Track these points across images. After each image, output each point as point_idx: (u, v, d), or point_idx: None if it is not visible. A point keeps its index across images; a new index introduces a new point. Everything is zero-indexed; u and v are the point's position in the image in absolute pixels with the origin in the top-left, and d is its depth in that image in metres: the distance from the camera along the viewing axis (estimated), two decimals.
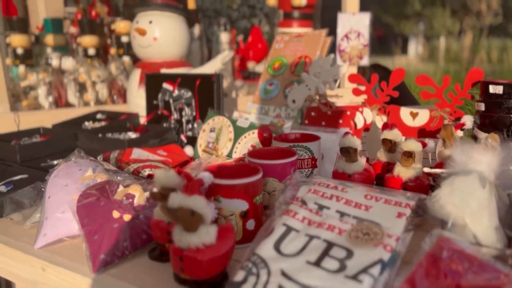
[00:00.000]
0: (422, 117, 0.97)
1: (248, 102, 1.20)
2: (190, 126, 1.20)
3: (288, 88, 1.16)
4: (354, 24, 1.82)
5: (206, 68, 1.32)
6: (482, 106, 0.85)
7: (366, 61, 1.86)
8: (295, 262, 0.49)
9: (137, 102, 1.35)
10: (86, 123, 1.30)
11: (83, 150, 0.92)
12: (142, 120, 1.32)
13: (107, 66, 1.87)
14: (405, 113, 0.99)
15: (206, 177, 0.60)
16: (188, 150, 1.09)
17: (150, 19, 1.32)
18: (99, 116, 1.39)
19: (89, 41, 2.11)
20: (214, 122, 1.06)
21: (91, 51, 2.11)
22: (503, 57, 8.47)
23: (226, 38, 2.63)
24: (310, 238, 0.53)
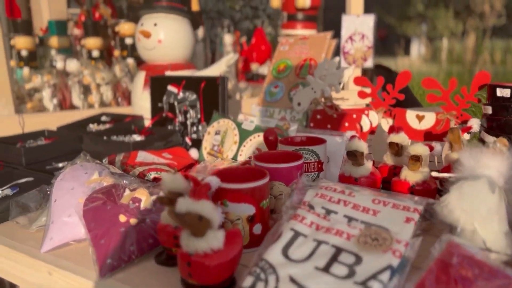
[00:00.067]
0: (428, 120, 0.97)
1: (252, 105, 1.20)
2: (195, 128, 1.20)
3: (293, 90, 1.16)
4: (359, 26, 1.81)
5: (210, 70, 1.32)
6: (489, 109, 0.85)
7: (370, 63, 1.85)
8: (304, 267, 0.49)
9: (141, 104, 1.35)
10: (91, 126, 1.30)
11: (88, 153, 0.92)
12: (147, 122, 1.32)
13: (112, 68, 1.87)
14: (411, 116, 0.98)
15: (213, 181, 0.60)
16: (193, 153, 1.09)
17: (155, 22, 1.32)
18: (104, 118, 1.39)
19: (93, 43, 2.11)
20: (219, 124, 1.06)
21: (95, 53, 2.11)
22: (507, 58, 8.45)
23: (229, 40, 2.63)
24: (319, 243, 0.52)
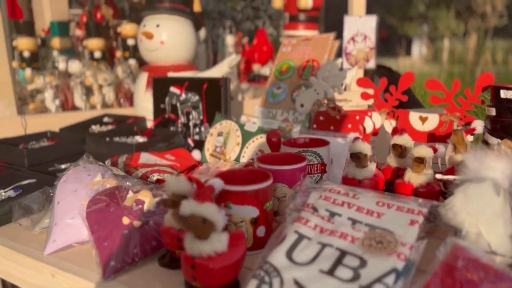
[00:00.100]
0: (431, 121, 0.96)
1: (255, 106, 1.20)
2: (197, 130, 1.20)
3: (295, 91, 1.16)
4: (361, 26, 1.81)
5: (213, 71, 1.32)
6: (493, 111, 0.85)
7: (372, 64, 1.85)
8: (308, 271, 0.49)
9: (144, 105, 1.35)
10: (93, 127, 1.30)
11: (91, 154, 0.91)
12: (149, 123, 1.32)
13: (114, 69, 1.87)
14: (414, 117, 0.98)
15: (217, 183, 0.60)
16: (195, 154, 1.09)
17: (157, 23, 1.32)
18: (106, 119, 1.39)
19: (95, 44, 2.11)
20: (222, 126, 1.06)
21: (97, 54, 2.11)
22: (508, 58, 8.43)
23: (231, 41, 2.63)
24: (323, 246, 0.52)
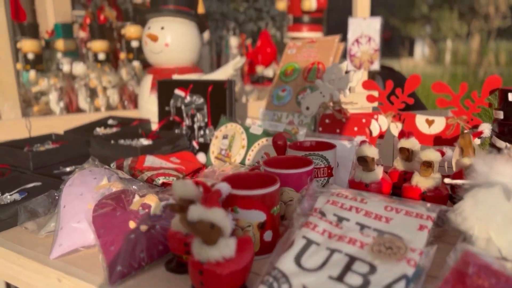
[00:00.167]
0: (438, 124, 0.96)
1: (260, 108, 1.19)
2: (202, 132, 1.19)
3: (301, 94, 1.15)
4: (365, 28, 1.80)
5: (217, 74, 1.32)
6: (500, 114, 0.84)
7: (377, 65, 1.84)
8: (317, 277, 0.48)
9: (148, 108, 1.35)
10: (98, 129, 1.29)
11: (95, 157, 0.91)
12: (154, 126, 1.32)
13: (118, 71, 1.87)
14: (420, 120, 0.98)
15: (224, 187, 0.59)
16: (200, 157, 1.08)
17: (162, 25, 1.32)
18: (111, 122, 1.39)
19: (99, 46, 2.11)
20: (227, 129, 1.05)
21: (101, 56, 2.11)
22: None
23: (235, 43, 2.63)
24: (332, 251, 0.52)
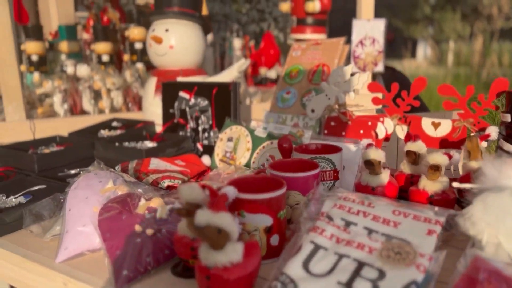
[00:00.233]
0: (444, 127, 0.95)
1: (264, 111, 1.19)
2: (206, 134, 1.19)
3: (305, 96, 1.15)
4: (369, 30, 1.80)
5: (222, 76, 1.31)
6: (508, 117, 0.83)
7: (380, 67, 1.84)
8: (326, 282, 0.48)
9: (153, 110, 1.35)
10: (102, 131, 1.29)
11: (100, 159, 0.91)
12: (158, 128, 1.31)
13: (122, 73, 1.87)
14: (426, 123, 0.97)
15: (231, 191, 0.59)
16: (205, 160, 1.08)
17: (167, 27, 1.32)
18: (115, 124, 1.39)
19: (103, 47, 2.11)
20: (232, 131, 1.05)
21: (105, 58, 2.11)
22: None
23: (238, 44, 2.63)
24: (340, 257, 0.51)
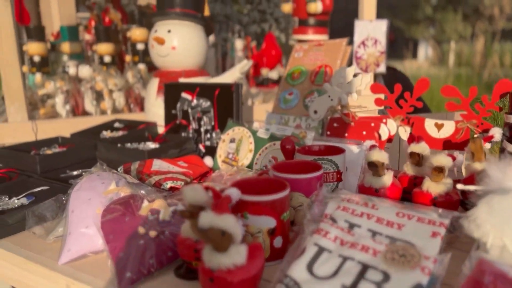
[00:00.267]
0: (447, 128, 0.95)
1: (266, 112, 1.19)
2: (209, 135, 1.19)
3: (308, 97, 1.15)
4: (371, 31, 1.80)
5: (224, 77, 1.31)
6: (511, 119, 0.83)
7: (383, 68, 1.84)
8: (330, 285, 0.47)
9: (155, 111, 1.35)
10: (104, 132, 1.29)
11: (102, 160, 0.91)
12: (160, 129, 1.31)
13: (124, 74, 1.87)
14: (429, 124, 0.97)
15: (234, 193, 0.59)
16: (207, 161, 1.08)
17: (169, 28, 1.32)
18: (117, 125, 1.38)
19: (104, 48, 2.11)
20: (234, 132, 1.05)
21: (107, 59, 2.11)
22: None
23: (240, 45, 2.63)
24: (344, 259, 0.51)
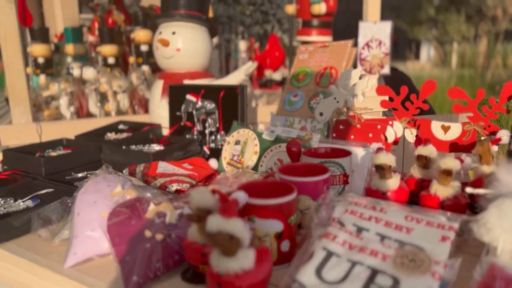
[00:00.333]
0: (454, 131, 0.94)
1: (271, 113, 1.19)
2: (213, 137, 1.19)
3: (313, 99, 1.14)
4: (376, 32, 1.80)
5: (229, 79, 1.31)
6: None
7: (387, 69, 1.83)
8: None
9: (159, 112, 1.34)
10: (109, 134, 1.29)
11: (107, 162, 0.90)
12: (165, 131, 1.31)
13: (128, 75, 1.87)
14: (436, 126, 0.96)
15: (241, 197, 0.58)
16: (212, 163, 1.07)
17: (173, 30, 1.31)
18: (121, 126, 1.38)
19: (108, 50, 2.11)
20: (239, 134, 1.05)
21: (111, 60, 2.11)
22: None
23: (244, 47, 2.63)
24: (353, 264, 0.51)
